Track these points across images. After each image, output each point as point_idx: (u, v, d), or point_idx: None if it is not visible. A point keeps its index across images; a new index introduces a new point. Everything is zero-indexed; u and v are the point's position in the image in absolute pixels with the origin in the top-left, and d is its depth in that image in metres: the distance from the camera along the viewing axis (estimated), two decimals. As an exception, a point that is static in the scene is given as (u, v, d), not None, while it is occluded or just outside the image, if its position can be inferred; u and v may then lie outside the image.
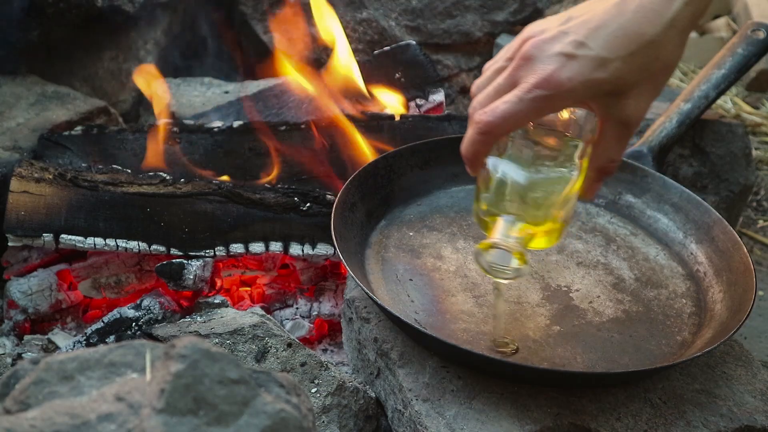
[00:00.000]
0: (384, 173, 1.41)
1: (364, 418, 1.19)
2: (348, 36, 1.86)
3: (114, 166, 1.52)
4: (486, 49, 2.33)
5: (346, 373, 1.28)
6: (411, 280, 1.25)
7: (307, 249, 1.45)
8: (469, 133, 0.97)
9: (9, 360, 1.36)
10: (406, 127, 1.66)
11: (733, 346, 1.23)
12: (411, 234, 1.35)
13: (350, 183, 1.35)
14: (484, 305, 1.21)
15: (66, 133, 1.66)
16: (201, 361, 0.69)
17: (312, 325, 1.45)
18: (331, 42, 1.76)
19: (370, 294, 1.16)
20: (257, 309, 1.36)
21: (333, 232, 1.23)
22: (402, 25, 2.29)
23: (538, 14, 2.36)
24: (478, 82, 0.99)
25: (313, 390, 1.19)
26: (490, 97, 0.95)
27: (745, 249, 1.25)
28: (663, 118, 1.57)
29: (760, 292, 1.60)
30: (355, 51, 1.81)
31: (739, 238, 1.27)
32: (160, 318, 1.39)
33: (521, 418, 1.05)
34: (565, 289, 1.26)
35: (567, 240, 1.36)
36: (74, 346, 1.37)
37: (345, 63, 1.75)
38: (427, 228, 1.36)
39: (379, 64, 1.83)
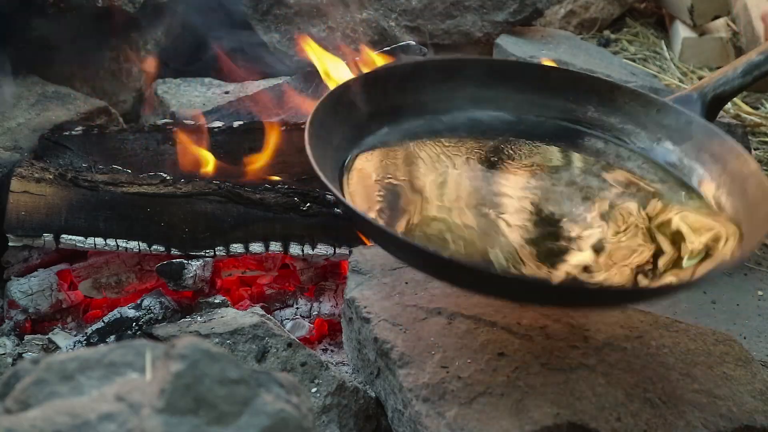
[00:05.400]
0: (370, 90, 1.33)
1: (364, 417, 1.20)
2: (348, 36, 1.86)
3: (114, 166, 1.53)
4: (486, 49, 2.33)
5: (346, 373, 1.29)
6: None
7: (307, 249, 1.45)
8: None
9: (9, 360, 1.36)
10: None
11: (732, 346, 1.23)
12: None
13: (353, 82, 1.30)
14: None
15: (66, 133, 1.66)
16: (201, 361, 0.69)
17: (312, 325, 1.45)
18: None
19: (337, 193, 1.10)
20: (257, 309, 1.36)
21: (309, 126, 1.16)
22: (402, 25, 2.29)
23: (538, 14, 2.36)
24: None
25: (313, 390, 1.19)
26: None
27: None
28: (728, 67, 1.43)
29: (760, 292, 1.60)
30: (354, 51, 1.81)
31: None
32: (160, 318, 1.39)
33: (521, 418, 1.05)
34: (556, 217, 1.23)
35: (583, 176, 1.32)
36: (75, 346, 1.37)
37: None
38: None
39: (379, 64, 1.82)
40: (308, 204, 1.46)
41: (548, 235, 1.20)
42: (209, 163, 1.56)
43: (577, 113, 1.41)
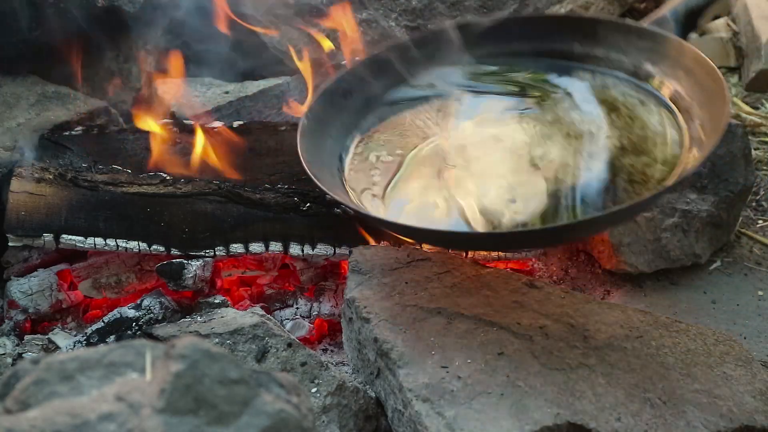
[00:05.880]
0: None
1: (364, 417, 1.19)
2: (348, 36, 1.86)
3: (114, 166, 1.53)
4: (486, 49, 2.33)
5: (346, 373, 1.29)
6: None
7: (307, 249, 1.45)
8: None
9: (9, 360, 1.36)
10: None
11: (732, 346, 1.23)
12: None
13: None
14: None
15: (66, 133, 1.66)
16: (201, 361, 0.69)
17: (312, 325, 1.45)
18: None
19: (314, 177, 1.25)
20: (257, 309, 1.36)
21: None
22: (402, 25, 2.29)
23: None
24: None
25: (313, 390, 1.19)
26: None
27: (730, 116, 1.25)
28: None
29: (760, 292, 1.60)
30: (354, 51, 1.81)
31: (730, 106, 1.25)
32: (160, 318, 1.39)
33: (521, 418, 1.05)
34: (539, 159, 1.31)
35: (566, 113, 1.41)
36: (74, 346, 1.37)
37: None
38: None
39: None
40: (308, 204, 1.46)
41: (528, 178, 1.30)
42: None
43: (565, 52, 1.51)
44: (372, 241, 1.46)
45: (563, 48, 1.50)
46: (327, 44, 1.75)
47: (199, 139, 1.56)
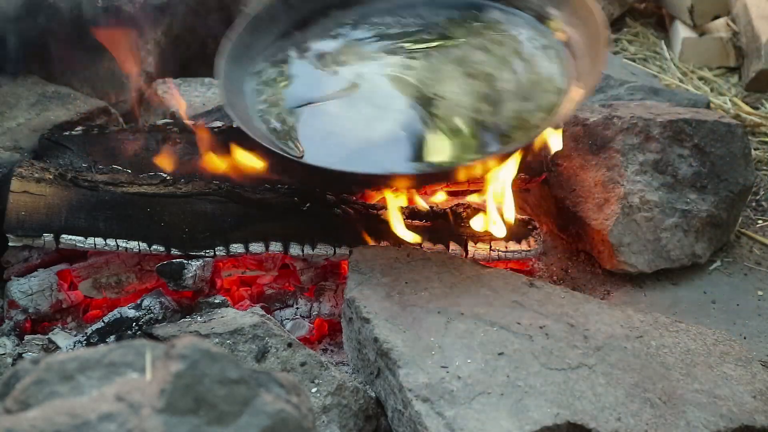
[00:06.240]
0: None
1: (364, 417, 1.19)
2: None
3: (114, 166, 1.53)
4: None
5: (346, 373, 1.29)
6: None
7: (307, 249, 1.45)
8: None
9: (9, 360, 1.36)
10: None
11: (732, 346, 1.23)
12: None
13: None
14: None
15: (66, 133, 1.66)
16: (201, 361, 0.69)
17: (312, 325, 1.45)
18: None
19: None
20: (257, 309, 1.36)
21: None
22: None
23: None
24: None
25: (313, 390, 1.19)
26: None
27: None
28: None
29: (760, 292, 1.60)
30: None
31: (606, 58, 1.32)
32: (160, 318, 1.39)
33: (521, 418, 1.05)
34: (435, 97, 1.37)
35: (473, 51, 1.46)
36: (75, 346, 1.37)
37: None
38: None
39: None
40: (308, 204, 1.46)
41: (427, 116, 1.36)
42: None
43: None
44: (371, 241, 1.47)
45: None
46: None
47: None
